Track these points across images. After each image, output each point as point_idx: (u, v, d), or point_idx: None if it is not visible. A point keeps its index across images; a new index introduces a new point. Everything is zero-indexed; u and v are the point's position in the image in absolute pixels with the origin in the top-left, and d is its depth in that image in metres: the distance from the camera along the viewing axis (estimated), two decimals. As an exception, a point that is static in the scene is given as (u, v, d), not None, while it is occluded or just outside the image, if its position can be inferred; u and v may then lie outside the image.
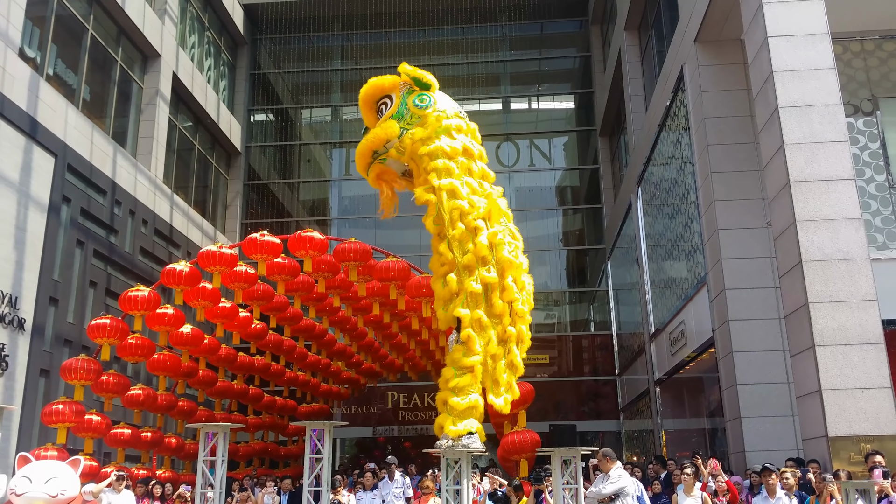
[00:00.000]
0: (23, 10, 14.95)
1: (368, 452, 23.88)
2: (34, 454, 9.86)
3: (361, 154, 7.81)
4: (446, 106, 7.70)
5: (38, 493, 6.20)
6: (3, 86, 14.12)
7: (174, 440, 14.45)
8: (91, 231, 17.01)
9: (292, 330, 16.00)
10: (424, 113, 7.43)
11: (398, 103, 7.55)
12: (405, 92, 7.55)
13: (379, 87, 7.65)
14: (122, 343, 12.79)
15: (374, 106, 7.80)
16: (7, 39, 14.36)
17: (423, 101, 7.46)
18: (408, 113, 7.50)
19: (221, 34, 26.10)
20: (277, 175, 27.84)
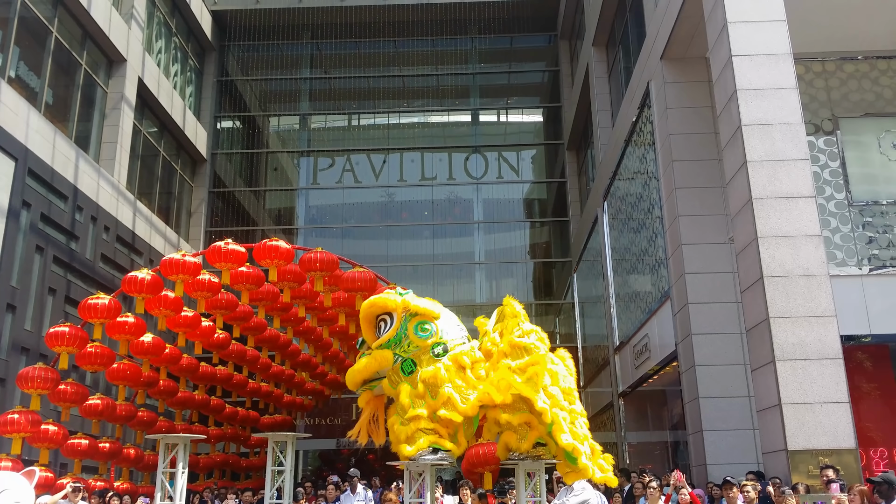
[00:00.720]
0: (-15, 11, 14.69)
1: (332, 465, 23.65)
2: (-13, 465, 9.58)
3: (352, 381, 7.57)
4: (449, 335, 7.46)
5: (-11, 506, 6.01)
6: (-38, 87, 13.83)
7: (133, 451, 14.16)
8: (51, 237, 16.67)
9: (256, 340, 15.82)
10: (425, 343, 7.23)
11: (397, 327, 7.30)
12: (406, 316, 7.31)
13: (381, 307, 7.38)
14: (81, 352, 12.51)
15: (374, 321, 7.52)
16: (-33, 40, 14.08)
17: (426, 329, 7.25)
18: (406, 339, 7.28)
19: (189, 40, 25.85)
20: (243, 183, 27.60)
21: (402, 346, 7.21)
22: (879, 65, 13.44)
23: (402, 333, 7.21)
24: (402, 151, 27.52)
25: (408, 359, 7.24)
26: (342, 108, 28.53)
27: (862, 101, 13.30)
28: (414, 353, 7.19)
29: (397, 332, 7.20)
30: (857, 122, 13.13)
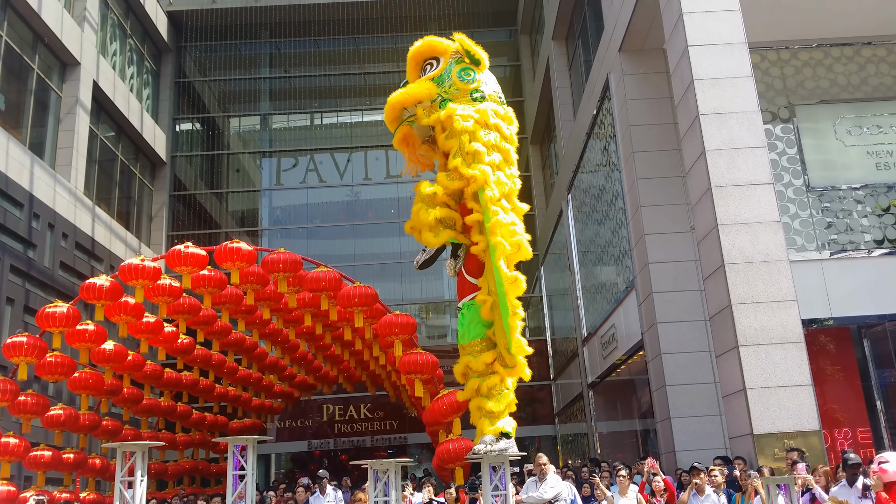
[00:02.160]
0: (-71, 16, 14.27)
1: (304, 467, 23.48)
2: (-56, 482, 9.33)
3: (392, 107, 7.56)
4: (488, 88, 7.53)
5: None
6: None
7: (98, 461, 13.90)
8: (7, 245, 16.28)
9: (221, 344, 15.62)
10: (466, 87, 7.30)
11: (443, 68, 7.39)
12: (454, 60, 7.41)
13: (430, 48, 7.47)
14: (41, 361, 12.25)
15: (421, 64, 7.60)
16: (-89, 45, 13.67)
17: (469, 74, 7.33)
18: (448, 81, 7.34)
19: (144, 41, 25.41)
20: (205, 185, 27.22)
21: (444, 86, 7.29)
22: (833, 52, 13.65)
23: (445, 75, 7.31)
24: (367, 150, 27.38)
25: (447, 98, 7.30)
26: (304, 108, 28.29)
27: (817, 88, 13.50)
28: (454, 94, 7.25)
29: (443, 72, 7.32)
30: (812, 109, 13.33)
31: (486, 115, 7.26)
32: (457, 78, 7.30)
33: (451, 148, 7.28)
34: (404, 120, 7.69)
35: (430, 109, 7.47)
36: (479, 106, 7.32)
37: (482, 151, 7.08)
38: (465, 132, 7.16)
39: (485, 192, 7.01)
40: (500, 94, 7.62)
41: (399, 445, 23.40)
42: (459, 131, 7.17)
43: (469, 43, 7.40)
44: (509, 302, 7.00)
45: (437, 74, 7.37)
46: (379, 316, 13.29)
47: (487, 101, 7.39)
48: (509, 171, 7.30)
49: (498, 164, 7.22)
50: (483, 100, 7.37)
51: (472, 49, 7.38)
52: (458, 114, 7.21)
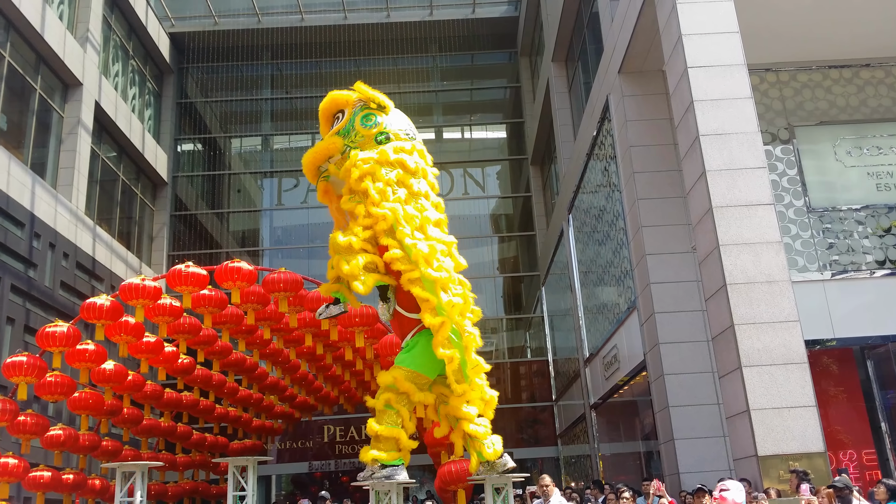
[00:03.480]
0: (-67, 37, 14.38)
1: (304, 488, 23.32)
2: (-58, 503, 9.26)
3: (306, 167, 7.86)
4: (394, 127, 7.72)
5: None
6: (-89, 115, 13.49)
7: (98, 482, 13.79)
8: (8, 265, 16.28)
9: (221, 364, 15.55)
10: (370, 132, 7.49)
11: (347, 119, 7.65)
12: (357, 109, 7.64)
13: (334, 102, 7.75)
14: (41, 381, 12.18)
15: (330, 119, 7.87)
16: (-84, 66, 13.76)
17: (370, 119, 7.53)
18: (353, 130, 7.56)
19: (146, 63, 25.58)
20: (206, 205, 27.27)
21: (351, 136, 7.54)
22: (832, 74, 13.75)
23: (350, 125, 7.57)
24: (366, 170, 27.41)
25: (354, 147, 7.55)
26: (305, 128, 28.39)
27: (816, 109, 13.58)
28: (360, 141, 7.50)
29: (347, 123, 7.57)
30: (812, 131, 13.40)
31: (386, 153, 7.48)
32: (360, 126, 7.55)
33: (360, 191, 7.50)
34: (321, 176, 7.83)
35: (341, 161, 7.72)
36: (381, 147, 7.53)
37: (386, 190, 7.31)
38: (367, 175, 7.36)
39: (399, 229, 7.27)
40: (408, 130, 7.82)
41: (401, 467, 23.25)
42: (361, 175, 7.39)
43: (368, 91, 7.68)
44: (457, 325, 7.16)
45: (341, 127, 7.62)
46: (380, 336, 13.26)
47: (392, 142, 7.57)
48: (417, 203, 7.52)
49: (404, 199, 7.43)
50: (388, 140, 7.57)
51: (370, 96, 7.66)
52: (359, 159, 7.45)
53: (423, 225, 7.52)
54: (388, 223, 7.28)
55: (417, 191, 7.60)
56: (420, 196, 7.63)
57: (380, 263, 7.64)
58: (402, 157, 7.54)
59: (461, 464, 11.64)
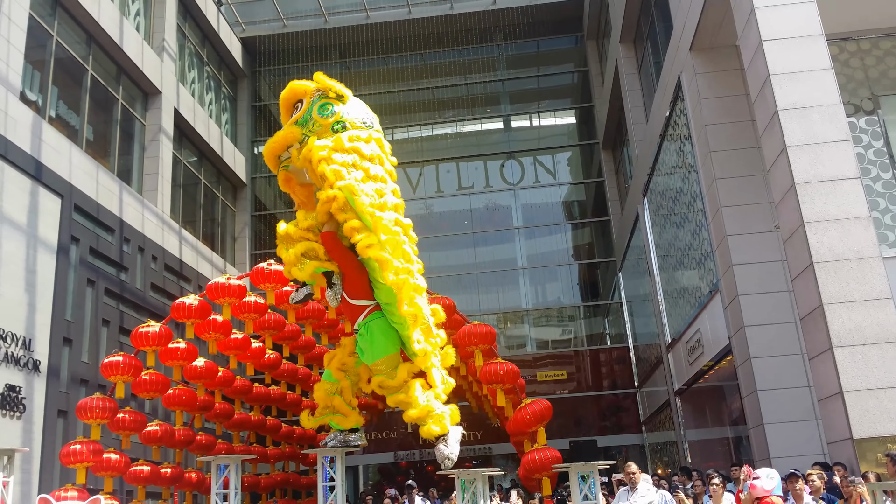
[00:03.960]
0: (22, 54, 15.13)
1: (391, 478, 23.72)
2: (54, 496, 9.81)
3: (267, 157, 8.11)
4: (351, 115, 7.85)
5: (59, 535, 6.15)
6: (5, 130, 14.25)
7: (194, 475, 14.37)
8: (101, 270, 17.08)
9: (306, 358, 15.94)
10: (326, 122, 7.64)
11: (305, 109, 7.77)
12: (315, 98, 7.75)
13: (293, 92, 7.89)
14: (137, 380, 12.76)
15: (291, 109, 8.01)
16: (7, 84, 14.52)
17: (327, 109, 7.65)
18: (311, 120, 7.70)
19: (221, 68, 26.33)
20: (284, 204, 27.93)
21: (308, 125, 7.69)
22: (918, 38, 13.10)
23: (308, 114, 7.70)
24: (438, 163, 27.61)
25: (313, 136, 7.72)
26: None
27: (902, 77, 12.97)
28: (318, 130, 7.65)
29: (305, 112, 7.71)
30: (899, 99, 12.80)
31: (341, 141, 7.60)
32: (317, 115, 7.66)
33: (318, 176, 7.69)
34: (281, 165, 7.98)
35: (299, 150, 7.84)
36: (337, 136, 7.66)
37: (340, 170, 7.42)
38: (323, 160, 7.48)
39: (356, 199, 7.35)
40: (365, 119, 7.94)
41: (484, 456, 23.40)
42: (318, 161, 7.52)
43: (326, 81, 7.75)
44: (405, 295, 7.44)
45: (300, 116, 7.74)
46: (457, 327, 13.35)
47: (348, 130, 7.69)
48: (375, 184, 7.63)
49: (360, 179, 7.51)
50: (344, 129, 7.68)
51: (330, 86, 7.76)
52: (314, 145, 7.60)
53: (382, 205, 7.64)
54: (342, 200, 7.40)
55: (375, 174, 7.74)
56: (378, 180, 7.75)
57: (320, 250, 7.92)
58: (357, 144, 7.67)
59: (545, 452, 11.65)
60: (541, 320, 26.41)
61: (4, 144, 14.16)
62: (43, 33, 16.36)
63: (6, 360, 13.62)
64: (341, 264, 7.95)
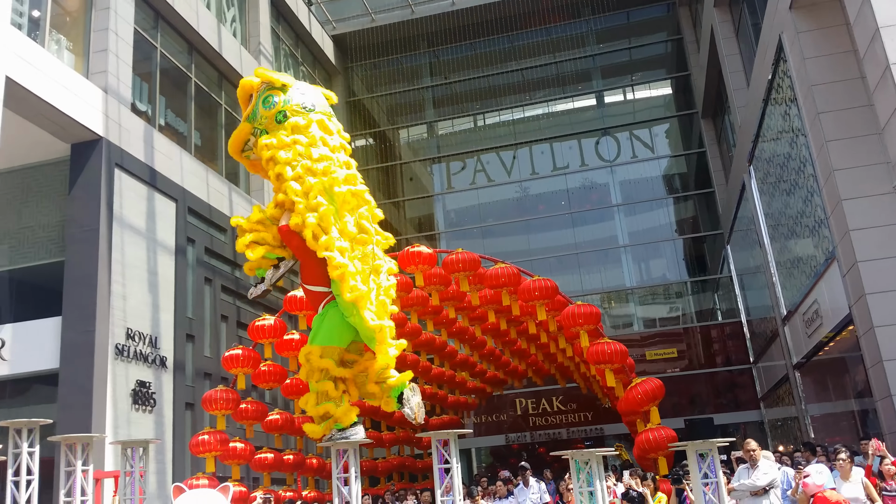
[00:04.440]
0: (130, 68, 15.96)
1: (504, 460, 23.93)
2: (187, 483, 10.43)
3: (232, 154, 8.65)
4: (293, 101, 8.22)
5: (193, 522, 6.51)
6: (120, 140, 15.11)
7: (315, 461, 14.94)
8: (217, 268, 17.91)
9: (413, 345, 16.25)
10: (270, 113, 8.06)
11: (253, 104, 8.23)
12: (261, 91, 8.18)
13: (244, 89, 8.39)
14: (256, 371, 13.38)
15: (247, 103, 8.49)
16: (119, 97, 15.38)
17: (268, 102, 8.05)
18: (258, 113, 8.16)
19: (315, 67, 27.00)
20: (383, 196, 28.44)
21: (257, 119, 8.16)
22: None
23: (255, 109, 8.14)
24: (531, 144, 27.44)
25: (262, 129, 8.21)
26: (466, 111, 28.82)
27: None
28: (265, 123, 8.12)
29: (253, 107, 8.16)
30: None
31: (280, 137, 8.06)
32: (262, 108, 8.07)
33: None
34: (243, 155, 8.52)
35: (255, 142, 8.37)
36: (279, 130, 8.11)
37: (284, 170, 7.91)
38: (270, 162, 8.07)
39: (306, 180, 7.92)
40: (305, 104, 8.27)
41: (596, 437, 23.26)
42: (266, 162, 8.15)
43: (267, 73, 8.22)
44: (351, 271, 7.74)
45: (249, 111, 8.22)
46: (561, 308, 13.33)
47: (288, 119, 8.11)
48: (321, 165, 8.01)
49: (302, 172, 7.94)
50: (285, 118, 8.10)
51: (272, 79, 8.19)
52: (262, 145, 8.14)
53: (330, 185, 7.99)
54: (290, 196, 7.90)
55: (319, 156, 8.05)
56: (322, 160, 8.06)
57: (269, 238, 8.39)
58: (296, 136, 8.07)
59: (659, 431, 11.50)
60: (647, 298, 25.90)
61: (120, 154, 15.03)
62: (148, 46, 17.23)
63: (136, 358, 14.52)
64: (298, 254, 8.38)
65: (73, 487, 6.77)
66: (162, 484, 14.16)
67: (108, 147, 14.67)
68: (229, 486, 7.42)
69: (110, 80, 15.16)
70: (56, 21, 15.01)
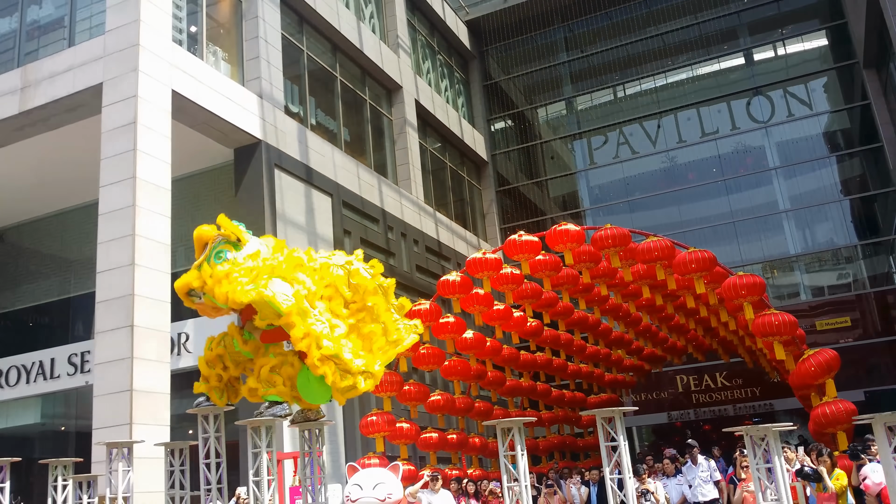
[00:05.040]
0: (281, 72, 16.80)
1: (667, 438, 23.41)
2: (360, 463, 10.96)
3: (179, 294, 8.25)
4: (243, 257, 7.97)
5: (369, 498, 6.77)
6: (277, 142, 15.97)
7: (477, 440, 15.27)
8: (372, 257, 18.48)
9: (566, 324, 16.22)
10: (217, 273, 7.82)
11: (206, 255, 7.98)
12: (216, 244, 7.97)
13: (200, 238, 8.13)
14: (416, 354, 13.82)
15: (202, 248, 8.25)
16: (273, 101, 16.23)
17: (219, 258, 7.85)
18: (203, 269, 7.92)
19: (451, 54, 27.29)
20: (525, 177, 28.42)
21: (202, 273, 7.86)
22: None
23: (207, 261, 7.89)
24: (676, 111, 26.45)
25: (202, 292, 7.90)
26: (605, 83, 28.16)
27: None
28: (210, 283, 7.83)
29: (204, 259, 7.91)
30: None
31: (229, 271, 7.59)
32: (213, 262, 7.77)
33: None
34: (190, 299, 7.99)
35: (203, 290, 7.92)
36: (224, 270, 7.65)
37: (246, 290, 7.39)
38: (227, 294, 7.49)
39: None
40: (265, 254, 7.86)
41: (765, 413, 22.22)
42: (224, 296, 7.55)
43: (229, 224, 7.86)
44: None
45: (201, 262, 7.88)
46: (720, 279, 12.81)
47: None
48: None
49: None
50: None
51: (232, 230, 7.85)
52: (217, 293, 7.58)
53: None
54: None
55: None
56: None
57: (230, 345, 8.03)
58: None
59: (837, 405, 10.88)
60: (813, 265, 24.36)
61: (279, 155, 15.89)
62: (295, 50, 18.06)
63: (304, 346, 15.33)
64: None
65: (260, 468, 7.24)
66: (336, 464, 14.93)
67: (266, 149, 15.54)
68: (399, 464, 7.70)
69: (264, 85, 16.04)
70: (211, 34, 16.04)
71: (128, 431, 11.44)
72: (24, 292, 19.11)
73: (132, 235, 12.41)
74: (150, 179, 12.90)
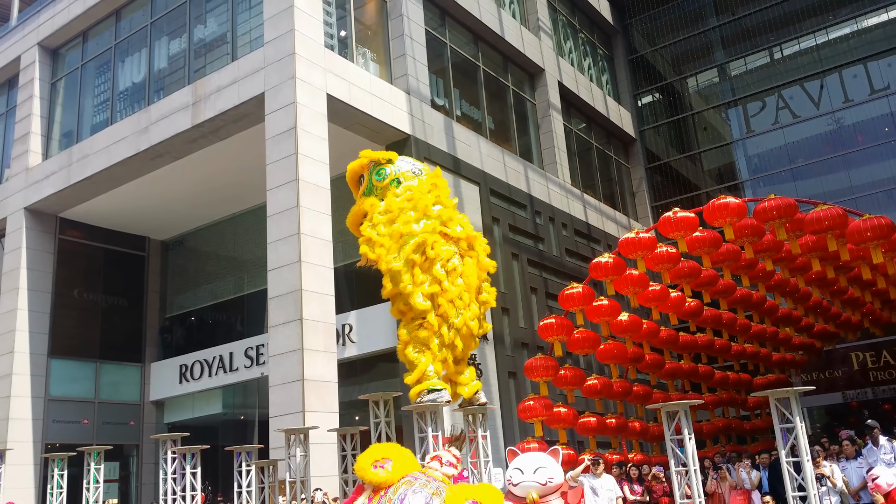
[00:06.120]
0: (426, 67, 17.22)
1: (841, 419, 21.98)
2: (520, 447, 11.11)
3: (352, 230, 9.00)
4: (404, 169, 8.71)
5: (530, 482, 6.91)
6: (425, 135, 16.40)
7: (637, 424, 15.06)
8: (521, 243, 18.71)
9: (728, 302, 15.59)
10: (384, 183, 8.58)
11: (366, 180, 8.78)
12: (371, 168, 8.77)
13: (353, 171, 8.93)
14: (570, 338, 13.82)
15: (357, 183, 9.04)
16: (420, 95, 16.65)
17: (381, 174, 8.61)
18: (373, 187, 8.69)
19: (593, 31, 26.78)
20: (676, 151, 27.44)
21: (374, 192, 8.64)
22: None
23: (370, 183, 8.67)
24: (840, 69, 24.58)
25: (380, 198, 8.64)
26: (760, 45, 26.59)
27: None
28: (381, 192, 8.60)
29: (367, 183, 8.71)
30: None
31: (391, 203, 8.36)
32: (376, 180, 8.65)
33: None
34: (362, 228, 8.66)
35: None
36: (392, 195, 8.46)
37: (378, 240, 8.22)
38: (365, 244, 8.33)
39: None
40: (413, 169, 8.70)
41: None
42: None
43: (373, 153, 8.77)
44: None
45: (363, 189, 8.79)
46: (900, 247, 11.88)
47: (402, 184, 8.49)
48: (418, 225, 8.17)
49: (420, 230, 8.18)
50: (399, 184, 8.52)
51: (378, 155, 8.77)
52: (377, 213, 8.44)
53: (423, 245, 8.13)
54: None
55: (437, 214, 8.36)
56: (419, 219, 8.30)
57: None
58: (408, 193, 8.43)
59: None
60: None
61: (427, 148, 16.31)
62: (438, 44, 18.41)
63: (461, 333, 15.72)
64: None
65: (427, 450, 7.57)
66: (495, 448, 15.15)
67: (415, 143, 16.01)
68: (559, 449, 7.77)
69: (411, 81, 16.51)
70: (360, 36, 16.69)
71: (301, 419, 12.25)
72: (203, 292, 20.83)
73: (298, 234, 13.23)
74: (311, 180, 13.68)
